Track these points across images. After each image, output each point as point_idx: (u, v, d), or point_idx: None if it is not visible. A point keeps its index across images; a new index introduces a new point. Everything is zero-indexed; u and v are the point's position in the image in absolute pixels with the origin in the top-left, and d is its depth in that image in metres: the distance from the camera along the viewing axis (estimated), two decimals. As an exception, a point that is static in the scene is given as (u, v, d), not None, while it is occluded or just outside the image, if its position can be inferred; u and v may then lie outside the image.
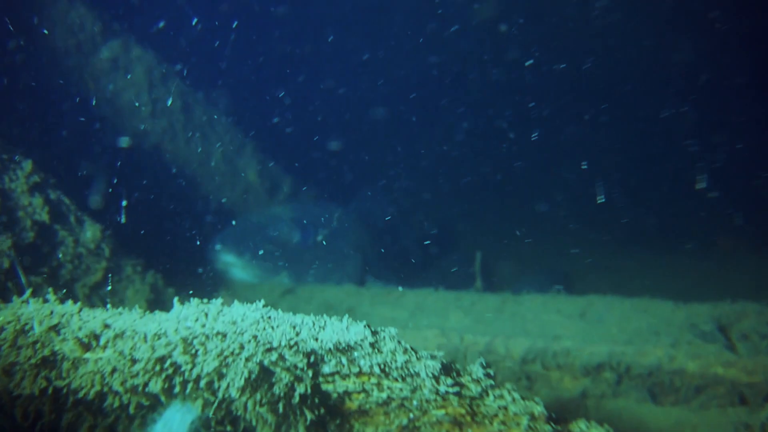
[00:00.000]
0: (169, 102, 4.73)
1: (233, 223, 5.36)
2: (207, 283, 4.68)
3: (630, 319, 4.25)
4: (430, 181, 9.70)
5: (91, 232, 3.32)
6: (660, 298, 4.35)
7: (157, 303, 3.75)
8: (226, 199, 5.61)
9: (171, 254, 4.10)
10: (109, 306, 2.39)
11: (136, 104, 4.61)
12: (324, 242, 5.40)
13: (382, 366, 1.96)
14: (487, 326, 4.46)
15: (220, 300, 2.31)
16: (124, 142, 4.99)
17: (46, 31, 4.04)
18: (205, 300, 2.33)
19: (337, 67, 11.19)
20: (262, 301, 2.26)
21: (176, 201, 4.85)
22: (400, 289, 4.92)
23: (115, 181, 4.01)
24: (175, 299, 2.45)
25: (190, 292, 4.05)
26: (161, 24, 5.63)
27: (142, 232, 3.88)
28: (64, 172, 3.33)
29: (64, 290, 3.14)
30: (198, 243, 4.75)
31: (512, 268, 8.29)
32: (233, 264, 5.12)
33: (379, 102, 10.37)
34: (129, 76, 4.66)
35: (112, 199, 3.89)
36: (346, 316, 2.26)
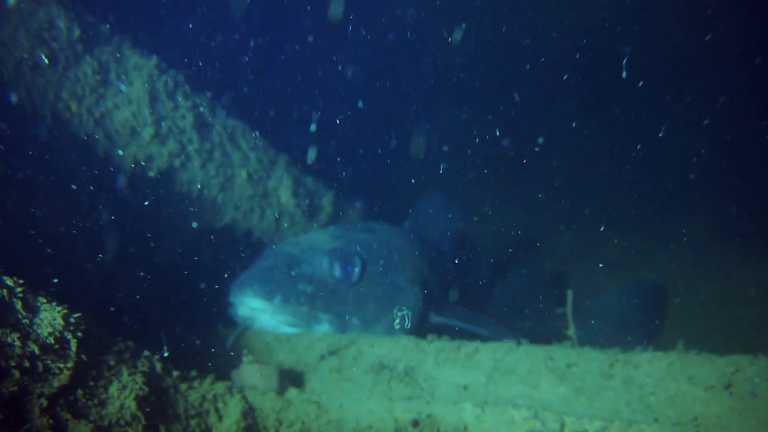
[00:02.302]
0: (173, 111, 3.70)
1: (259, 258, 4.39)
2: (227, 348, 3.73)
3: (802, 396, 3.02)
4: (501, 184, 8.46)
5: (48, 320, 2.37)
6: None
7: (156, 395, 2.79)
8: (255, 229, 4.67)
9: (177, 317, 3.19)
10: None
11: (135, 125, 3.69)
12: (406, 322, 4.37)
13: None
14: (593, 401, 3.34)
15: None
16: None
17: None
18: None
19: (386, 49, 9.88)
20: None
21: (186, 242, 3.93)
22: (475, 343, 3.88)
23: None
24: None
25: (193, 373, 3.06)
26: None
27: (134, 297, 2.96)
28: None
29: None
30: (215, 293, 3.80)
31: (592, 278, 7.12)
32: (260, 310, 4.16)
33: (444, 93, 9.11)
34: (124, 90, 3.73)
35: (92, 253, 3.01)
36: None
